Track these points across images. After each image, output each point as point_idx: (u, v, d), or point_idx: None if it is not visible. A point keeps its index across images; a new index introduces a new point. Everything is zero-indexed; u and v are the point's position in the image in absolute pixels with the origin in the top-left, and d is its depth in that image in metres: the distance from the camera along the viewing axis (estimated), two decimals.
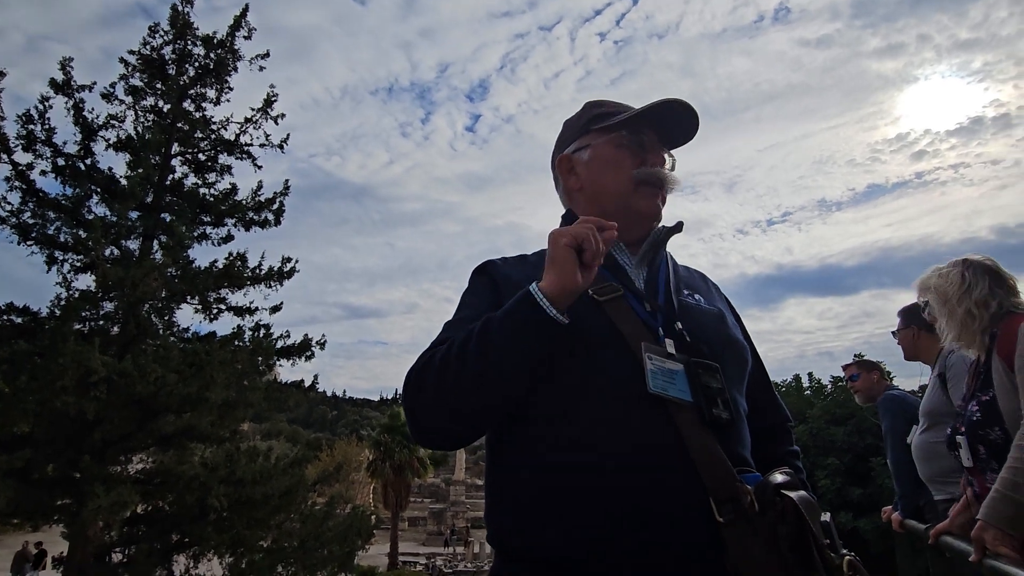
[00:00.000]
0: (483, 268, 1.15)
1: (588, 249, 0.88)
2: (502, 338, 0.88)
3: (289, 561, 10.07)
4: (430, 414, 0.94)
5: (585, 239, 0.88)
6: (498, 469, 0.97)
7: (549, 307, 0.87)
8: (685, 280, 1.15)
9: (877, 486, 12.83)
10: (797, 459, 1.14)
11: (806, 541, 0.76)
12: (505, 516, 0.93)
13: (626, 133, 1.12)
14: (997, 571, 1.54)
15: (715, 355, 0.97)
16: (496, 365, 0.88)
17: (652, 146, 1.12)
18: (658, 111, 1.10)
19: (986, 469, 1.90)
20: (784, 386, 16.91)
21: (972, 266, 2.00)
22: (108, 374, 8.09)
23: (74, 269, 9.86)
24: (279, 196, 11.44)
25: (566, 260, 0.87)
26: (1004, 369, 1.83)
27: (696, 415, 0.88)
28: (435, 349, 0.97)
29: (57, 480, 8.97)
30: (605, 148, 1.13)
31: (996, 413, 1.85)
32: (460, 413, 0.92)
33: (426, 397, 0.93)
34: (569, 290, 0.88)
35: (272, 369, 10.83)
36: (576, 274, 0.87)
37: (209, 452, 10.37)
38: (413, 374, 0.95)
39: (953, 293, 1.97)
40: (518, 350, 0.88)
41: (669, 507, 0.82)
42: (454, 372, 0.89)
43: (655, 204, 1.11)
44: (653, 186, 1.10)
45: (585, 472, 0.86)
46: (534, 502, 0.88)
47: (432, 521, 40.01)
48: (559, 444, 0.89)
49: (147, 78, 10.75)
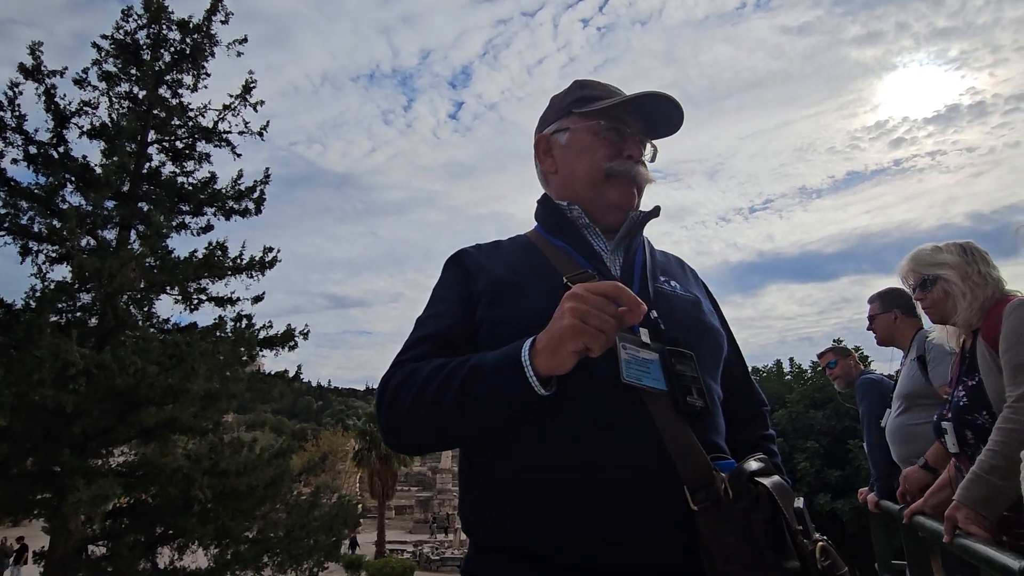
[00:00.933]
0: (456, 258, 1.12)
1: (594, 352, 0.82)
2: (483, 399, 0.88)
3: (275, 551, 10.07)
4: (401, 435, 0.98)
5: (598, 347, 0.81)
6: (472, 461, 0.97)
7: (538, 385, 0.84)
8: (662, 266, 1.14)
9: (854, 468, 13.11)
10: (773, 443, 1.15)
11: (779, 528, 0.76)
12: (478, 507, 0.93)
13: (604, 122, 1.10)
14: (967, 550, 1.56)
15: (690, 342, 0.97)
16: (470, 420, 0.90)
17: (632, 136, 1.11)
18: (642, 101, 1.08)
19: (974, 454, 1.86)
20: (765, 371, 17.15)
21: (973, 248, 1.99)
22: (87, 366, 7.97)
23: (49, 260, 9.66)
24: (260, 184, 11.28)
25: (567, 360, 0.82)
26: (989, 352, 1.84)
27: (670, 404, 0.88)
28: (413, 365, 0.96)
29: (36, 474, 8.84)
30: (582, 134, 1.12)
31: (983, 398, 1.86)
32: (428, 441, 0.97)
33: (398, 416, 0.94)
34: (558, 373, 0.85)
35: (255, 359, 10.75)
36: (572, 361, 0.83)
37: (192, 444, 10.30)
38: (390, 387, 0.96)
39: (973, 272, 1.94)
40: (495, 413, 0.89)
41: (643, 496, 0.83)
42: (427, 408, 0.90)
43: (627, 195, 1.10)
44: (626, 179, 1.09)
45: (558, 462, 0.86)
46: (507, 493, 0.89)
47: (419, 509, 40.20)
48: (532, 435, 0.89)
49: (121, 63, 10.50)
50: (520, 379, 0.84)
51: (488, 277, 1.03)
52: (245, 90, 11.13)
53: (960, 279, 1.95)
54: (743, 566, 0.75)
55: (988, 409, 1.84)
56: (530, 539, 0.85)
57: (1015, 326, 1.73)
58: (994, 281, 1.92)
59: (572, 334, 0.80)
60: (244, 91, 11.14)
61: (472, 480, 0.96)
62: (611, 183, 1.09)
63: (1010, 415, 1.65)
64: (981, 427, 1.85)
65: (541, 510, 0.85)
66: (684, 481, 0.82)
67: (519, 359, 0.85)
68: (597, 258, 1.06)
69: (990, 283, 1.91)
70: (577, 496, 0.83)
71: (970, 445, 1.90)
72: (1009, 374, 1.70)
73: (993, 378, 1.81)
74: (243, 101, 11.17)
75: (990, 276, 1.92)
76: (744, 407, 1.14)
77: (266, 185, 11.32)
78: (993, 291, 1.90)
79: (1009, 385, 1.69)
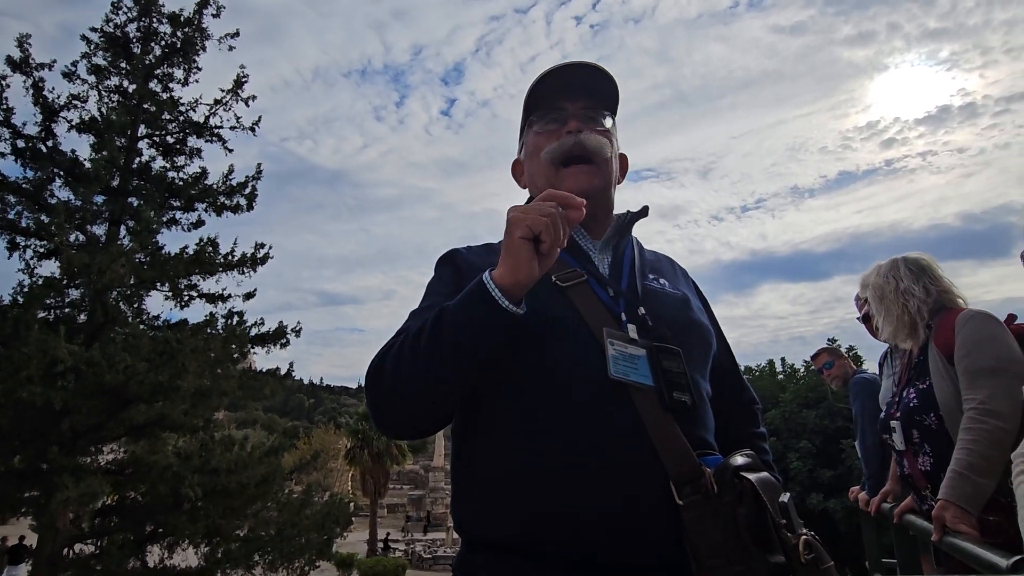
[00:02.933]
0: (448, 257, 1.13)
1: (546, 240, 0.82)
2: (454, 329, 0.86)
3: (266, 550, 10.03)
4: (388, 404, 0.93)
5: (544, 228, 0.82)
6: (462, 458, 0.96)
7: (501, 298, 0.83)
8: (651, 264, 1.14)
9: (847, 468, 13.18)
10: (764, 440, 1.15)
11: (764, 522, 0.77)
12: (469, 504, 0.93)
13: (535, 118, 1.11)
14: (956, 548, 1.59)
15: (678, 339, 0.96)
16: (448, 357, 0.86)
17: (575, 114, 1.08)
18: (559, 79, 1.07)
19: (919, 452, 2.04)
20: (758, 370, 17.22)
21: (908, 264, 2.11)
22: (75, 363, 7.90)
23: (37, 255, 9.58)
24: (251, 180, 11.22)
25: (520, 251, 0.82)
26: (941, 359, 1.94)
27: (657, 400, 0.88)
28: (394, 340, 0.95)
29: (24, 472, 8.77)
30: (531, 140, 1.14)
31: (932, 400, 1.96)
32: (415, 404, 0.91)
33: (384, 387, 0.91)
34: (523, 283, 0.84)
35: (246, 357, 10.69)
36: (532, 266, 0.83)
37: (183, 441, 10.24)
38: (373, 364, 0.94)
39: (889, 291, 2.09)
40: (470, 343, 0.86)
41: (630, 490, 0.83)
42: (408, 362, 0.88)
43: (582, 180, 1.05)
44: (573, 162, 1.06)
45: (546, 458, 0.85)
46: (496, 489, 0.88)
47: (411, 507, 40.18)
48: (521, 431, 0.88)
49: (110, 57, 10.41)
50: (484, 296, 0.84)
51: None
52: (237, 85, 11.07)
53: (877, 299, 2.14)
54: (728, 559, 0.76)
55: (936, 411, 1.95)
56: (519, 535, 0.85)
57: (970, 334, 1.86)
58: (922, 295, 2.04)
59: (516, 223, 0.83)
60: (236, 86, 11.07)
61: (462, 477, 0.96)
62: (563, 175, 1.07)
63: (976, 416, 1.74)
64: (927, 428, 1.99)
65: (529, 505, 0.84)
66: (670, 476, 0.82)
67: (479, 278, 0.86)
68: (585, 257, 1.06)
69: (913, 298, 2.04)
70: (565, 491, 0.83)
71: (915, 444, 2.05)
72: (967, 380, 1.82)
73: (943, 383, 1.93)
74: (235, 96, 11.10)
75: (913, 292, 2.05)
76: (734, 404, 1.14)
77: (258, 181, 11.27)
78: (918, 305, 2.03)
79: (968, 389, 1.80)
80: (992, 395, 1.73)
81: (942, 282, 2.07)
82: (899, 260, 2.14)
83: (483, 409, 0.93)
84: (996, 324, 1.88)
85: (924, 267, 2.10)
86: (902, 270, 2.11)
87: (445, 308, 0.89)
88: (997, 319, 1.90)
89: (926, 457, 2.02)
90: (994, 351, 1.81)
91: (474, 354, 0.87)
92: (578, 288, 0.98)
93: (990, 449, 1.67)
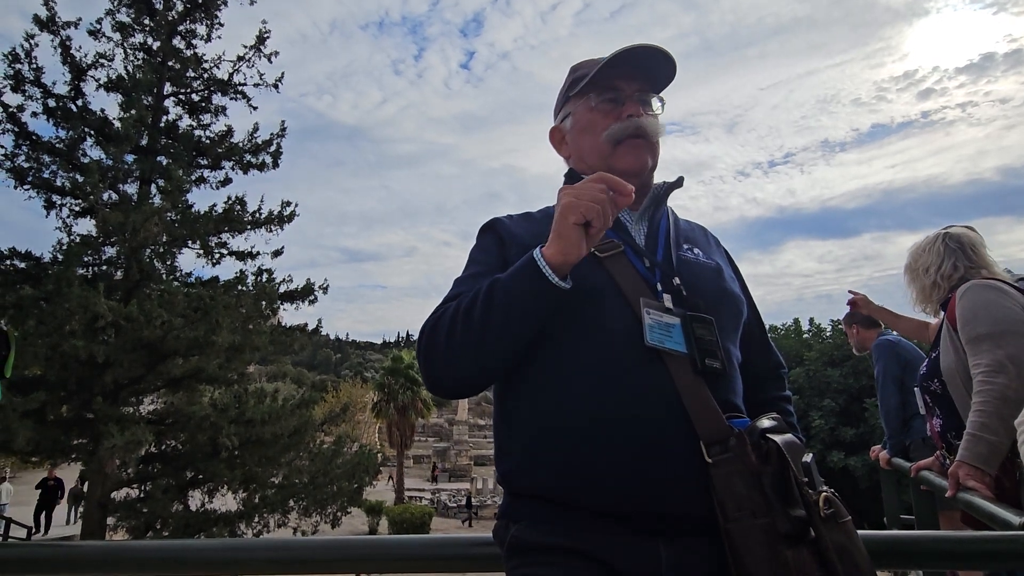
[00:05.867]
0: (490, 225, 1.17)
1: (596, 225, 0.89)
2: (505, 303, 0.93)
3: (300, 496, 10.52)
4: (440, 368, 0.99)
5: (596, 216, 0.88)
6: (504, 417, 1.03)
7: (552, 275, 0.90)
8: (685, 234, 1.17)
9: (869, 427, 13.18)
10: (788, 403, 1.19)
11: (787, 480, 0.83)
12: (511, 459, 0.99)
13: (594, 95, 1.12)
14: (970, 504, 1.67)
15: (711, 308, 1.01)
16: (499, 327, 0.93)
17: (630, 96, 1.11)
18: (625, 60, 1.08)
19: (932, 415, 2.23)
20: (783, 329, 17.11)
21: (948, 239, 2.17)
22: (115, 319, 8.21)
23: (73, 214, 9.83)
24: (276, 138, 11.26)
25: (572, 234, 0.89)
26: (949, 329, 2.05)
27: (690, 366, 0.93)
28: (446, 305, 1.01)
29: (72, 421, 9.26)
30: (581, 114, 1.16)
31: (937, 368, 2.12)
32: (467, 368, 0.97)
33: (436, 352, 0.98)
34: (572, 262, 0.91)
35: (276, 313, 10.96)
36: (580, 246, 0.90)
37: (218, 393, 10.66)
38: (426, 329, 1.01)
39: (920, 266, 2.21)
40: (521, 314, 0.93)
41: (662, 448, 0.89)
42: (461, 331, 0.95)
43: (637, 158, 1.10)
44: (632, 140, 1.10)
45: (584, 417, 0.91)
46: (537, 446, 0.95)
47: (436, 459, 41.44)
48: (560, 393, 0.94)
49: (134, 13, 10.38)
50: (535, 272, 0.91)
51: (520, 245, 1.06)
52: (259, 40, 10.98)
53: (906, 267, 2.29)
54: (752, 513, 0.81)
55: (939, 378, 2.12)
56: (555, 487, 0.91)
57: (968, 305, 1.95)
58: (948, 270, 2.12)
59: (570, 209, 0.89)
60: (258, 41, 10.99)
61: (504, 435, 1.02)
62: (619, 152, 1.10)
63: (983, 378, 1.83)
64: (933, 392, 2.18)
65: (567, 461, 0.91)
66: (700, 436, 0.88)
67: (531, 255, 0.93)
68: (622, 228, 1.09)
69: (932, 272, 2.15)
70: (600, 447, 0.89)
71: (929, 408, 2.25)
72: (971, 349, 1.91)
73: (948, 352, 2.05)
74: (257, 52, 11.03)
75: (933, 266, 2.15)
76: (762, 369, 1.19)
77: (282, 138, 11.30)
78: (936, 279, 2.14)
79: (972, 356, 1.90)
80: (993, 358, 1.81)
81: (979, 259, 2.10)
82: (942, 234, 2.20)
83: (524, 374, 0.99)
84: (992, 291, 1.94)
85: (964, 243, 2.14)
86: (938, 244, 2.17)
87: (497, 280, 0.95)
88: (995, 286, 1.95)
89: (936, 419, 2.20)
90: (990, 316, 1.88)
91: (523, 323, 0.93)
92: (616, 259, 1.02)
93: (1000, 408, 1.75)
